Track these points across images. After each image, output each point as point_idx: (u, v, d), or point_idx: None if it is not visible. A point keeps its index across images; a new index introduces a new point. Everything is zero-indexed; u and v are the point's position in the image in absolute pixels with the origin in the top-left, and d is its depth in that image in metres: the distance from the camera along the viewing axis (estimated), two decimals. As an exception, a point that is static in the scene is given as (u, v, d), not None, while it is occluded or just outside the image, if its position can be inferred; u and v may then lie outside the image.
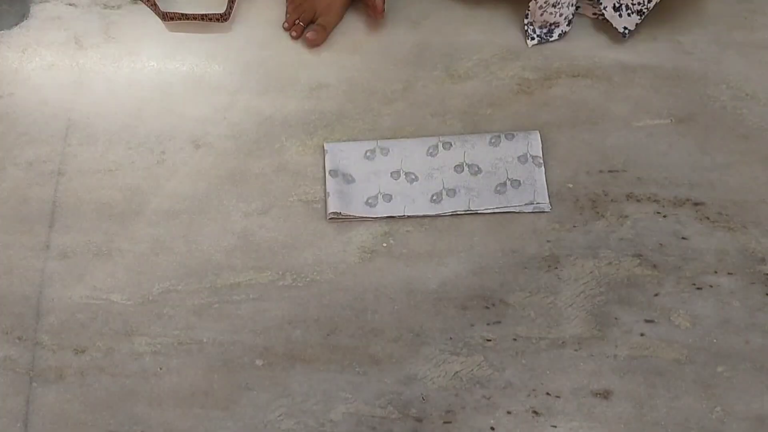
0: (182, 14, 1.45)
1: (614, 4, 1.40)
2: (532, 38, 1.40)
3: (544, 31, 1.40)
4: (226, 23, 1.44)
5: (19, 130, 1.38)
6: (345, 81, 1.40)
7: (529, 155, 1.32)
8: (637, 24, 1.40)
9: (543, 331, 1.20)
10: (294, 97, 1.39)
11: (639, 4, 1.38)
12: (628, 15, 1.39)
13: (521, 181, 1.30)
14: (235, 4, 1.45)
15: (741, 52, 1.41)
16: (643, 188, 1.30)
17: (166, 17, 1.45)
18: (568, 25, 1.40)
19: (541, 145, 1.33)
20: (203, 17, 1.45)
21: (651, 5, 1.38)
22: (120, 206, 1.31)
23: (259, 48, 1.44)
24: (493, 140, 1.33)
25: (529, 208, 1.29)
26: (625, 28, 1.40)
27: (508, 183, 1.30)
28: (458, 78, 1.39)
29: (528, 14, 1.41)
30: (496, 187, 1.30)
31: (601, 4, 1.40)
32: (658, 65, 1.40)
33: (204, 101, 1.40)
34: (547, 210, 1.28)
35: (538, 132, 1.34)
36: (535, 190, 1.29)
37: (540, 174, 1.31)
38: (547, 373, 1.18)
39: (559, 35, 1.41)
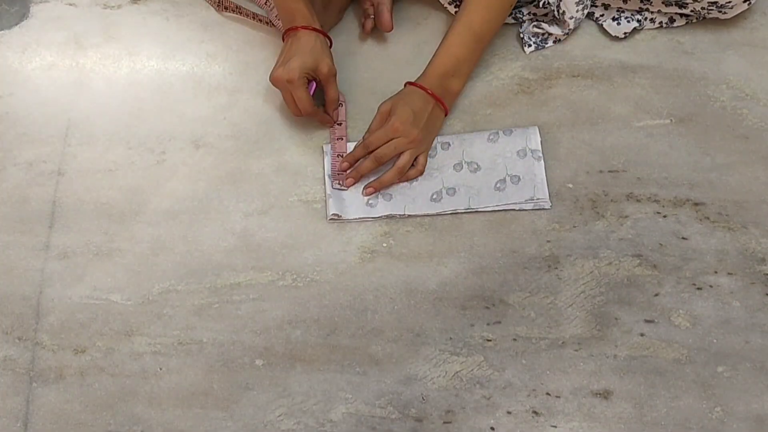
0: (237, 6, 1.44)
1: (613, 16, 1.41)
2: (529, 45, 1.41)
3: (539, 39, 1.41)
4: (274, 29, 1.43)
5: (19, 130, 1.37)
6: (345, 81, 1.39)
7: (528, 149, 1.32)
8: (635, 28, 1.40)
9: (543, 331, 1.20)
10: (294, 97, 1.39)
11: (638, 21, 1.40)
12: (627, 22, 1.40)
13: (521, 177, 1.30)
14: None
15: (741, 52, 1.40)
16: (643, 188, 1.30)
17: (221, 6, 1.45)
18: (563, 33, 1.41)
19: (539, 140, 1.32)
20: (254, 17, 1.44)
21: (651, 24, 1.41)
22: (120, 206, 1.31)
23: (259, 48, 1.44)
24: (491, 137, 1.33)
25: (530, 205, 1.28)
26: (625, 33, 1.40)
27: (508, 179, 1.30)
28: (458, 78, 1.39)
29: (522, 26, 1.42)
30: (496, 184, 1.30)
31: (597, 21, 1.42)
32: (658, 65, 1.40)
33: (204, 101, 1.40)
34: (547, 207, 1.28)
35: (536, 126, 1.34)
36: (534, 186, 1.29)
37: (540, 168, 1.30)
38: (547, 373, 1.18)
39: (554, 41, 1.41)
